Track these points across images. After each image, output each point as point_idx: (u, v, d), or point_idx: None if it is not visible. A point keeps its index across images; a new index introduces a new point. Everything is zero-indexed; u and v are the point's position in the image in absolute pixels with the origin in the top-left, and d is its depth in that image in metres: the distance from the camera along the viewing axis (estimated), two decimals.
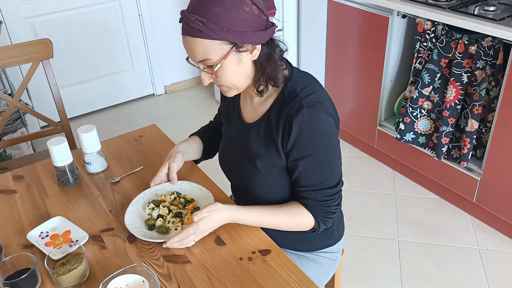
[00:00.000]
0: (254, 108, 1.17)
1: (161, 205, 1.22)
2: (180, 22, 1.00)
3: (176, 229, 1.15)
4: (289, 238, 1.27)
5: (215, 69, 1.02)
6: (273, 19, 1.07)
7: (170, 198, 1.25)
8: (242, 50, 1.01)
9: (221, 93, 1.30)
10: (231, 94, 1.11)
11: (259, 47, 1.03)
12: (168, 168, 1.28)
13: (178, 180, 1.33)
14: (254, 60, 1.06)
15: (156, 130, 1.66)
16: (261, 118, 1.14)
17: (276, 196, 1.19)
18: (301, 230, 1.18)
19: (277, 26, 1.07)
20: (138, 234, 1.14)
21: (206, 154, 1.42)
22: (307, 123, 1.04)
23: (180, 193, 1.28)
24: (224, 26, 0.96)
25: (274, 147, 1.11)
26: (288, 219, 1.15)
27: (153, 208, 1.21)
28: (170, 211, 1.21)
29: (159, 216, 1.19)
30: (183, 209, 1.21)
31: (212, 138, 1.42)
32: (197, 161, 1.44)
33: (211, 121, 1.48)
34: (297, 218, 1.15)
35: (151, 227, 1.17)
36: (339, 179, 1.13)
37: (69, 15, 3.09)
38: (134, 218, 1.20)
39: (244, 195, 1.27)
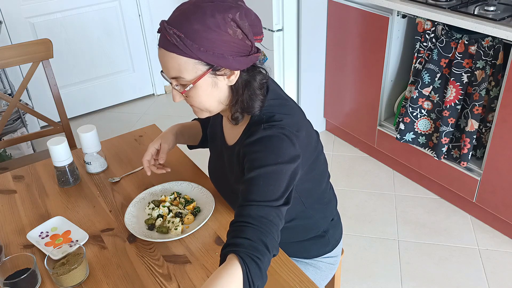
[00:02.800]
0: (233, 130, 1.12)
1: (161, 205, 1.22)
2: (158, 32, 0.95)
3: (176, 229, 1.15)
4: (286, 249, 1.22)
5: (186, 89, 0.95)
6: (266, 31, 1.01)
7: (170, 198, 1.25)
8: (219, 74, 0.95)
9: None
10: (202, 116, 1.05)
11: (237, 72, 0.97)
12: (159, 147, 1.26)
13: (178, 180, 1.33)
14: (231, 86, 0.99)
15: (156, 130, 1.66)
16: (238, 140, 1.08)
17: None
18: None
19: (261, 53, 1.01)
20: (138, 234, 1.14)
21: (204, 143, 1.37)
22: (260, 139, 0.97)
23: (180, 193, 1.28)
24: (203, 45, 0.90)
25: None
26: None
27: (153, 208, 1.21)
28: (170, 211, 1.21)
29: (159, 216, 1.19)
30: (183, 209, 1.21)
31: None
32: (192, 147, 1.41)
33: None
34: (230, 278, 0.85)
35: (151, 227, 1.17)
36: (281, 205, 0.95)
37: (69, 15, 3.09)
38: (134, 218, 1.20)
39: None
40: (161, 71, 1.00)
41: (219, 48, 0.91)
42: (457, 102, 2.09)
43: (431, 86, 2.17)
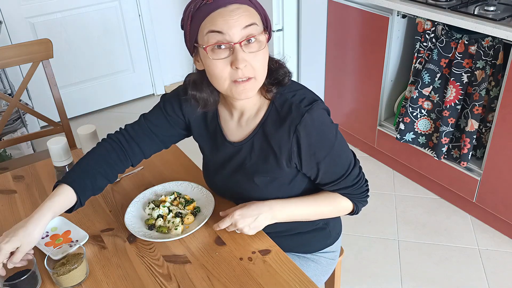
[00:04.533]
0: (241, 126, 1.12)
1: (161, 205, 1.22)
2: None
3: (176, 229, 1.15)
4: (287, 243, 1.25)
5: (262, 48, 0.97)
6: (276, 19, 1.11)
7: (170, 198, 1.25)
8: (267, 38, 1.01)
9: (187, 111, 1.17)
10: (252, 92, 1.01)
11: (267, 46, 1.02)
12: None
13: (178, 180, 1.33)
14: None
15: None
16: (253, 133, 1.09)
17: None
18: (342, 215, 1.21)
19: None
20: (138, 234, 1.14)
21: (80, 203, 1.11)
22: (313, 126, 1.03)
23: (180, 194, 1.28)
24: (260, 8, 1.00)
25: (274, 160, 1.08)
26: (330, 205, 1.16)
27: (153, 208, 1.21)
28: (170, 211, 1.21)
29: (159, 216, 1.19)
30: (183, 209, 1.21)
31: (94, 179, 1.12)
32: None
33: (104, 143, 1.20)
34: (336, 204, 1.16)
35: (151, 227, 1.17)
36: (355, 157, 1.15)
37: (69, 15, 3.09)
38: (134, 218, 1.20)
39: None
40: (206, 46, 0.96)
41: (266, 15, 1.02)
42: (457, 102, 2.09)
43: (431, 86, 2.17)
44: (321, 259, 1.32)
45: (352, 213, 1.21)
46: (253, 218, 1.08)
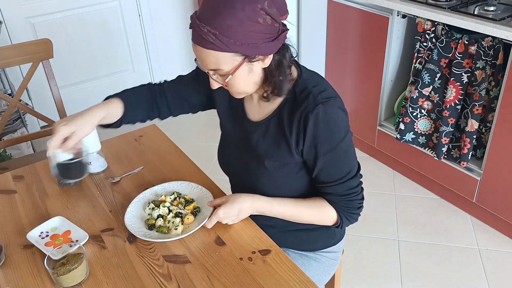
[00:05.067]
0: (261, 107, 1.15)
1: (161, 205, 1.22)
2: (190, 28, 0.98)
3: (176, 229, 1.15)
4: (291, 239, 1.27)
5: (226, 80, 1.01)
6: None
7: (170, 198, 1.25)
8: (254, 60, 1.00)
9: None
10: (239, 97, 1.11)
11: (271, 55, 1.02)
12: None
13: (178, 180, 1.33)
14: (265, 68, 1.05)
15: (156, 130, 1.66)
16: (271, 116, 1.12)
17: (281, 194, 1.18)
18: (324, 224, 1.19)
19: (289, 29, 1.06)
20: (138, 234, 1.14)
21: (119, 123, 1.25)
22: (323, 119, 1.04)
23: (180, 194, 1.28)
24: (237, 39, 0.93)
25: (285, 145, 1.10)
26: (313, 211, 1.16)
27: (153, 208, 1.21)
28: (170, 211, 1.21)
29: (159, 216, 1.19)
30: (183, 209, 1.21)
31: (136, 108, 1.26)
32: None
33: (144, 85, 1.32)
34: (321, 211, 1.15)
35: (151, 227, 1.17)
36: (358, 170, 1.14)
37: (69, 15, 3.09)
38: (134, 218, 1.20)
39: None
40: (195, 59, 1.04)
41: (252, 39, 0.95)
42: (457, 102, 2.09)
43: (431, 86, 2.17)
44: (323, 259, 1.32)
45: (336, 225, 1.19)
46: (235, 216, 1.14)
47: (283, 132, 1.10)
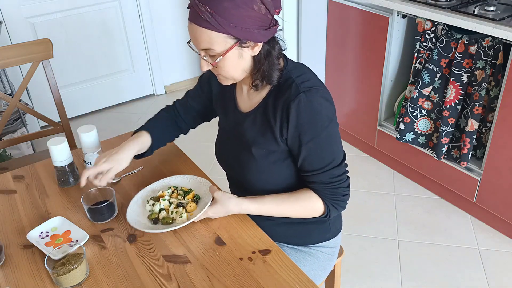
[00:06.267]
0: (250, 98, 1.20)
1: (161, 199, 1.21)
2: (188, 7, 1.03)
3: (181, 217, 1.16)
4: (286, 232, 1.29)
5: (217, 61, 1.04)
6: (276, 17, 1.09)
7: (168, 192, 1.25)
8: (245, 46, 1.04)
9: (205, 73, 1.33)
10: (227, 83, 1.14)
11: (260, 44, 1.06)
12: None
13: (173, 175, 1.34)
14: (254, 56, 1.08)
15: None
16: (258, 106, 1.16)
17: (271, 184, 1.21)
18: (312, 217, 1.20)
19: (279, 25, 1.10)
20: (145, 228, 1.13)
21: (151, 151, 1.34)
22: (305, 108, 1.06)
23: (177, 187, 1.28)
24: (232, 21, 0.98)
25: (271, 134, 1.14)
26: (298, 205, 1.17)
27: (153, 204, 1.21)
28: (170, 203, 1.21)
29: (161, 210, 1.19)
30: (183, 199, 1.22)
31: (162, 134, 1.35)
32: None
33: (165, 109, 1.42)
34: (306, 204, 1.17)
35: (155, 220, 1.17)
36: (343, 160, 1.16)
37: (69, 15, 3.09)
38: (136, 216, 1.19)
39: (240, 187, 1.29)
40: (188, 41, 1.10)
41: (246, 23, 1.00)
42: (457, 102, 2.09)
43: (431, 86, 2.17)
44: (318, 254, 1.33)
45: (324, 215, 1.20)
46: (224, 214, 1.18)
47: (268, 121, 1.13)
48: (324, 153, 1.12)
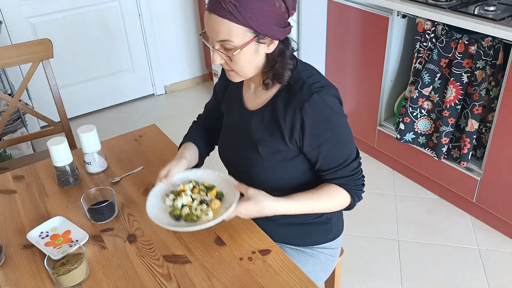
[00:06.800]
0: (257, 96, 1.19)
1: (183, 193, 1.14)
2: None
3: (207, 215, 1.08)
4: (288, 233, 1.29)
5: (234, 53, 1.03)
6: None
7: (189, 186, 1.17)
8: (262, 42, 1.04)
9: (219, 82, 1.33)
10: (236, 79, 1.14)
11: (276, 42, 1.06)
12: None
13: (192, 168, 1.27)
14: (268, 53, 1.08)
15: (156, 130, 1.66)
16: (266, 105, 1.16)
17: (276, 182, 1.19)
18: (340, 209, 1.21)
19: (292, 26, 1.10)
20: (169, 226, 1.06)
21: (202, 158, 1.37)
22: (320, 107, 1.07)
23: (198, 181, 1.20)
24: (254, 15, 0.98)
25: (279, 133, 1.13)
26: (329, 200, 1.17)
27: (174, 199, 1.14)
28: (193, 199, 1.14)
29: (183, 206, 1.12)
30: (207, 196, 1.14)
31: (205, 141, 1.38)
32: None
33: (195, 122, 1.44)
34: (337, 197, 1.17)
35: (178, 217, 1.10)
36: (357, 151, 1.18)
37: (69, 15, 3.09)
38: (157, 211, 1.12)
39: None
40: (201, 33, 1.09)
41: (267, 18, 1.00)
42: (457, 102, 2.09)
43: (431, 86, 2.17)
44: (320, 255, 1.33)
45: (349, 207, 1.21)
46: (255, 215, 1.09)
47: (277, 121, 1.13)
48: (343, 149, 1.13)
